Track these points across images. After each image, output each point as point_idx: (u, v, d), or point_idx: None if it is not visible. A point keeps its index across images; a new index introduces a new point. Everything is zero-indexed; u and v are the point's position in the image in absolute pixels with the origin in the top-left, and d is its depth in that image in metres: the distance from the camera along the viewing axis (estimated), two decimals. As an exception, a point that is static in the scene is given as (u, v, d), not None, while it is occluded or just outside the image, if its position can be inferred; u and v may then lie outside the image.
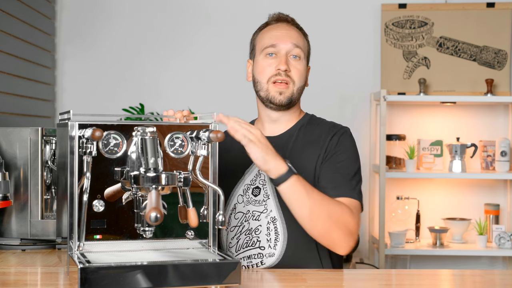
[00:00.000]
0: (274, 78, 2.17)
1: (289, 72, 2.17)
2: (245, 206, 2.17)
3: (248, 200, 2.17)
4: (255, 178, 2.18)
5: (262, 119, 2.28)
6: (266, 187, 2.15)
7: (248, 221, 2.15)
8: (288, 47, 2.18)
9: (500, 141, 3.81)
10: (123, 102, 3.98)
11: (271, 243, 2.11)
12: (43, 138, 2.34)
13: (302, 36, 2.25)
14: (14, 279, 1.89)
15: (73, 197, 1.67)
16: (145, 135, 1.68)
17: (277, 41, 2.19)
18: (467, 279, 2.05)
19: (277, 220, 2.11)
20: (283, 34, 2.20)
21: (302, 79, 2.20)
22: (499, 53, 3.92)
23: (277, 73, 2.16)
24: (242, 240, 2.15)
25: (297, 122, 2.26)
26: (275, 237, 2.11)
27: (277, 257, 2.10)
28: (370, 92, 3.99)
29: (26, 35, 3.57)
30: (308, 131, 2.23)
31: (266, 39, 2.21)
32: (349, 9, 4.05)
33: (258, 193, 2.16)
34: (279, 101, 2.17)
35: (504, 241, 3.71)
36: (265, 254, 2.11)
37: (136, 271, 1.52)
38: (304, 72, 2.22)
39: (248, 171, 2.19)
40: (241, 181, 2.20)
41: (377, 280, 1.97)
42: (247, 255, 2.13)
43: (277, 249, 2.10)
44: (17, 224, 2.35)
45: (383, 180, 3.68)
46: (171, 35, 4.08)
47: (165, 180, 1.61)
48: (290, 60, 2.18)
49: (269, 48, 2.19)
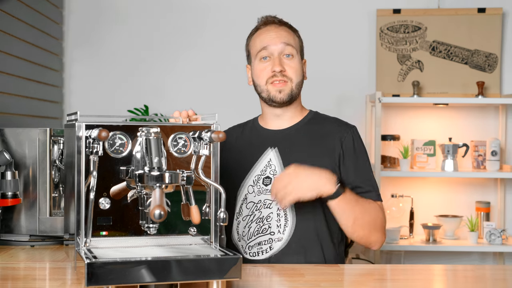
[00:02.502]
0: (272, 80, 2.22)
1: (285, 71, 2.22)
2: (256, 196, 2.21)
3: (259, 190, 2.21)
4: (265, 168, 2.23)
5: (266, 116, 2.33)
6: (276, 176, 2.18)
7: (260, 210, 2.19)
8: (280, 48, 2.23)
9: (491, 141, 3.83)
10: (128, 103, 3.99)
11: (280, 228, 2.16)
12: (51, 138, 2.36)
13: (292, 33, 2.28)
14: (23, 274, 1.92)
15: (80, 195, 1.68)
16: (149, 135, 1.69)
17: (268, 44, 2.23)
18: (459, 274, 2.07)
19: (287, 207, 2.17)
20: (272, 37, 2.25)
21: (299, 75, 2.25)
22: (490, 56, 3.94)
23: (273, 75, 2.22)
24: (253, 228, 2.20)
25: (304, 117, 2.32)
26: (284, 222, 2.17)
27: (285, 241, 2.16)
28: (366, 94, 4.00)
29: (35, 40, 3.57)
30: (316, 125, 2.29)
31: (257, 43, 2.26)
32: (345, 14, 4.07)
33: (269, 183, 2.21)
34: (280, 99, 2.23)
35: (495, 237, 3.73)
36: (274, 239, 2.16)
37: (140, 266, 1.52)
38: (300, 67, 2.26)
39: (258, 162, 2.24)
40: (251, 171, 2.24)
41: (373, 275, 1.98)
42: (258, 241, 2.18)
43: (285, 233, 2.16)
44: (26, 221, 2.36)
45: (378, 179, 3.68)
46: (174, 38, 4.09)
47: (169, 179, 1.61)
48: (283, 60, 2.23)
49: (262, 52, 2.24)
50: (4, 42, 3.15)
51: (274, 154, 2.24)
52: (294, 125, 2.31)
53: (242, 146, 2.30)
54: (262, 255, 2.19)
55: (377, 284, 1.88)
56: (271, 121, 2.33)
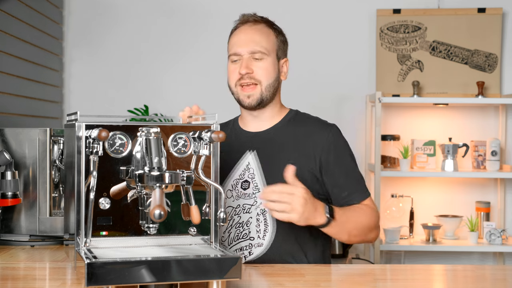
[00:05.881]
0: (240, 82, 2.20)
1: (252, 73, 2.18)
2: (235, 200, 2.18)
3: (238, 194, 2.18)
4: (244, 172, 2.19)
5: (244, 117, 2.30)
6: (255, 180, 2.17)
7: (239, 215, 2.16)
8: (248, 50, 2.19)
9: (491, 141, 3.83)
10: (128, 103, 3.99)
11: (260, 233, 2.13)
12: (51, 138, 2.36)
13: (267, 33, 2.23)
14: (23, 274, 1.92)
15: (80, 195, 1.68)
16: (149, 135, 1.68)
17: (238, 46, 2.20)
18: (459, 274, 2.07)
19: (266, 212, 2.13)
20: (241, 39, 2.21)
21: (269, 76, 2.19)
22: (490, 56, 3.94)
23: (240, 77, 2.19)
24: (233, 233, 2.17)
25: (284, 117, 2.27)
26: (264, 228, 2.14)
27: (265, 247, 2.13)
28: (366, 94, 4.01)
29: (35, 40, 3.58)
30: (296, 126, 2.25)
31: (230, 45, 2.25)
32: (345, 14, 4.07)
33: (247, 187, 2.18)
34: (248, 104, 2.20)
35: (495, 237, 3.73)
36: (254, 245, 2.14)
37: (140, 266, 1.52)
38: (272, 68, 2.20)
39: (236, 166, 2.21)
40: (229, 176, 2.21)
41: (373, 275, 1.98)
42: (239, 247, 2.15)
43: (266, 239, 2.13)
44: (26, 221, 2.36)
45: (378, 179, 3.70)
46: (173, 38, 4.10)
47: (169, 179, 1.61)
48: (252, 62, 2.18)
49: (233, 55, 2.21)
50: (4, 42, 3.16)
51: (253, 158, 2.21)
52: (273, 127, 2.26)
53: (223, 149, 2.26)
54: None
55: (377, 284, 1.88)
56: (250, 123, 2.29)
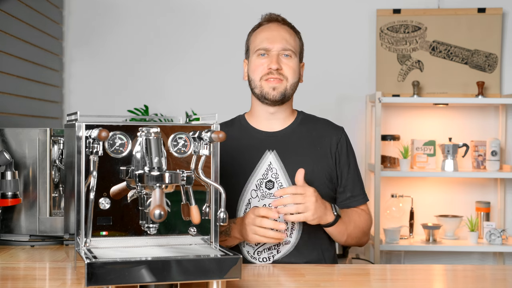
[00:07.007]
0: (267, 76, 2.22)
1: (281, 70, 2.22)
2: (260, 200, 2.20)
3: (263, 194, 2.21)
4: (267, 172, 2.22)
5: (258, 115, 2.31)
6: (279, 179, 2.20)
7: None
8: (279, 47, 2.23)
9: (491, 141, 3.83)
10: (128, 103, 3.99)
11: (287, 231, 2.18)
12: (51, 138, 2.37)
13: (294, 35, 2.29)
14: (23, 273, 1.92)
15: (80, 195, 1.68)
16: (149, 135, 1.69)
17: (268, 41, 2.24)
18: (459, 274, 2.08)
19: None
20: (273, 35, 2.25)
21: (295, 76, 2.25)
22: (490, 56, 3.94)
23: (269, 72, 2.21)
24: None
25: (296, 118, 2.33)
26: (291, 226, 2.19)
27: (292, 245, 2.18)
28: (366, 94, 4.01)
29: (35, 40, 3.58)
30: (308, 127, 2.31)
31: (258, 40, 2.27)
32: (345, 14, 4.08)
33: (272, 186, 2.20)
34: (273, 96, 2.22)
35: (495, 237, 3.74)
36: (282, 243, 2.18)
37: (140, 266, 1.52)
38: (297, 68, 2.26)
39: (258, 165, 2.23)
40: (252, 175, 2.22)
41: (373, 275, 2.00)
42: (267, 247, 2.18)
43: (293, 236, 2.18)
44: (26, 221, 2.36)
45: (378, 179, 3.72)
46: (174, 38, 4.10)
47: (169, 179, 1.61)
48: (281, 59, 2.23)
49: (261, 48, 2.24)
50: (4, 42, 3.16)
51: (274, 157, 2.24)
52: (288, 127, 2.31)
53: (238, 148, 2.27)
54: (270, 260, 2.19)
55: (377, 284, 1.89)
56: (264, 121, 2.31)
